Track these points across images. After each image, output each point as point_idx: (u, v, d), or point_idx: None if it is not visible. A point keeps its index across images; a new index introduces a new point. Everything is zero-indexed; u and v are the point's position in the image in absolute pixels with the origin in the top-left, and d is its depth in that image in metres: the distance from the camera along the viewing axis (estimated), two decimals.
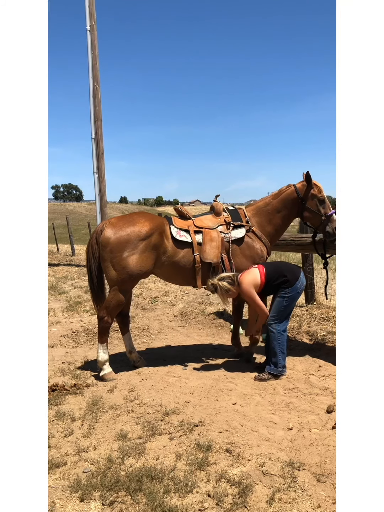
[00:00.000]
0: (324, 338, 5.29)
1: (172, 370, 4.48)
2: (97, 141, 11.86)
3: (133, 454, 2.87)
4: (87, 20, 11.66)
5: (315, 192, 4.58)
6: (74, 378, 4.30)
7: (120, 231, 4.18)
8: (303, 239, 5.76)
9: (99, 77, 11.86)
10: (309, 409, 3.52)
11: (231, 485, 2.52)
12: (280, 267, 4.28)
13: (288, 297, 4.16)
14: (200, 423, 3.28)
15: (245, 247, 4.56)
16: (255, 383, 4.10)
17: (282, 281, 4.15)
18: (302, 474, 2.62)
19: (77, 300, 8.19)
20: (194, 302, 7.66)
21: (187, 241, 4.38)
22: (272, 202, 4.73)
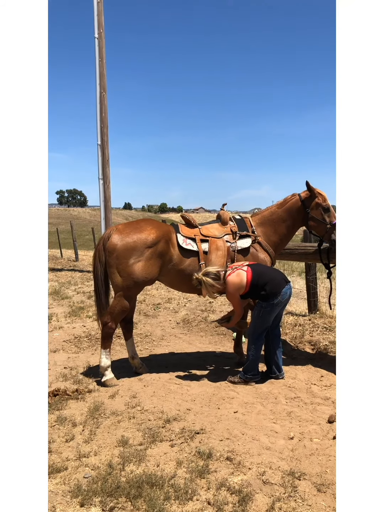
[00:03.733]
0: (327, 348, 5.28)
1: (173, 377, 4.48)
2: (103, 147, 11.93)
3: (133, 461, 2.87)
4: (95, 28, 11.79)
5: (319, 201, 4.60)
6: (76, 383, 4.31)
7: (126, 238, 4.21)
8: (306, 248, 5.77)
9: (106, 84, 11.95)
10: (310, 419, 3.51)
11: (231, 493, 2.52)
12: (266, 278, 4.18)
13: (263, 311, 4.17)
14: (201, 430, 3.28)
15: (250, 258, 4.57)
16: (256, 392, 4.09)
17: (260, 293, 4.16)
18: (303, 484, 2.62)
19: (80, 306, 8.21)
20: (197, 310, 7.66)
21: (193, 250, 4.40)
22: (277, 211, 4.75)
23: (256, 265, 4.32)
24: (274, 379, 4.38)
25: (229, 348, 5.56)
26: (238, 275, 4.15)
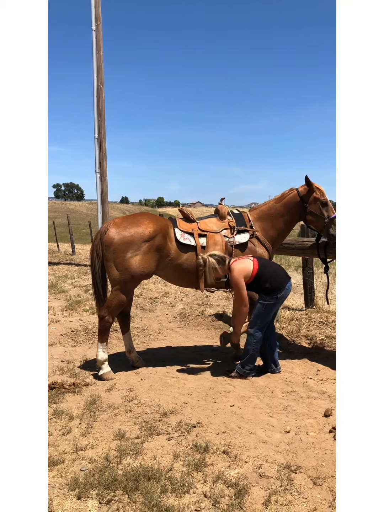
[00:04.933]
0: (323, 342, 5.30)
1: (170, 371, 4.49)
2: (100, 141, 11.89)
3: (130, 454, 2.88)
4: (92, 20, 11.71)
5: (317, 195, 4.60)
6: (73, 376, 4.31)
7: (124, 232, 4.20)
8: (304, 243, 5.77)
9: (104, 77, 11.89)
10: (306, 413, 3.53)
11: (228, 487, 2.53)
12: (270, 271, 4.23)
13: (267, 304, 4.18)
14: (197, 424, 3.29)
15: (248, 253, 4.56)
16: (253, 386, 4.11)
17: (264, 286, 4.17)
18: (299, 477, 2.63)
19: (77, 299, 8.20)
20: (194, 304, 7.67)
21: (191, 244, 4.39)
22: (275, 206, 4.74)
23: (260, 258, 4.36)
24: (271, 373, 4.40)
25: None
26: (243, 262, 4.21)
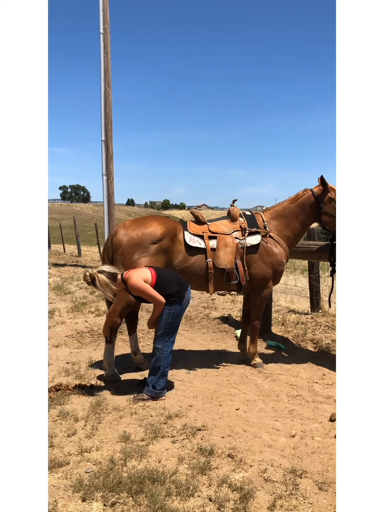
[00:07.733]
0: (329, 347, 5.27)
1: (175, 374, 4.48)
2: (107, 143, 11.91)
3: (135, 456, 2.88)
4: (100, 23, 11.75)
5: (332, 195, 4.58)
6: (78, 378, 4.32)
7: (131, 233, 4.21)
8: (310, 246, 5.75)
9: (111, 80, 11.92)
10: (312, 417, 3.51)
11: (233, 490, 2.52)
12: (171, 276, 3.89)
13: (173, 313, 3.83)
14: (202, 427, 3.29)
15: (264, 253, 4.54)
16: (258, 389, 4.09)
17: (172, 292, 3.78)
18: (304, 482, 2.62)
19: (83, 301, 8.22)
20: (199, 307, 7.66)
21: (200, 247, 4.38)
22: (290, 206, 4.73)
23: (156, 267, 3.98)
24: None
25: (231, 345, 5.56)
26: (139, 270, 3.81)
